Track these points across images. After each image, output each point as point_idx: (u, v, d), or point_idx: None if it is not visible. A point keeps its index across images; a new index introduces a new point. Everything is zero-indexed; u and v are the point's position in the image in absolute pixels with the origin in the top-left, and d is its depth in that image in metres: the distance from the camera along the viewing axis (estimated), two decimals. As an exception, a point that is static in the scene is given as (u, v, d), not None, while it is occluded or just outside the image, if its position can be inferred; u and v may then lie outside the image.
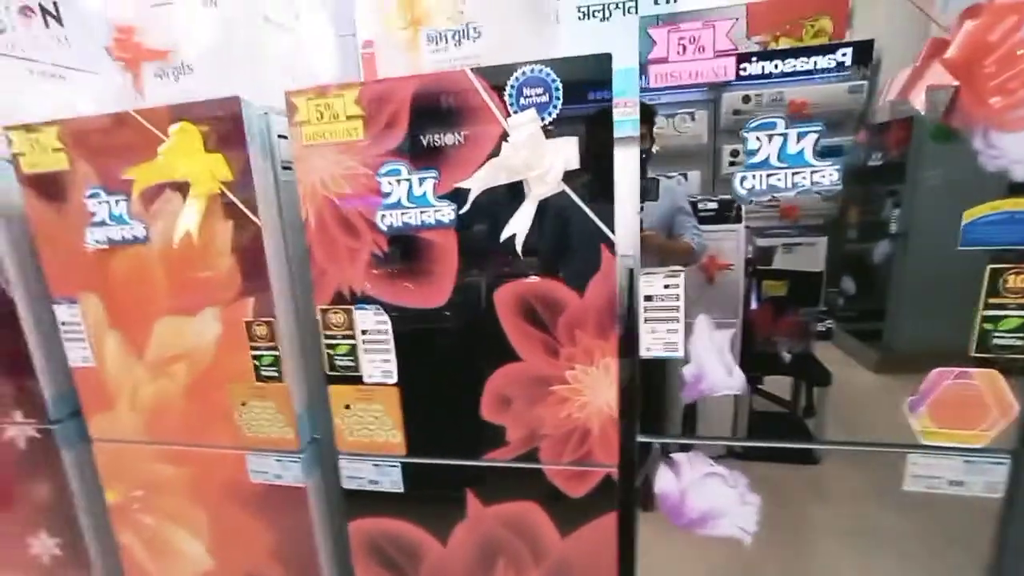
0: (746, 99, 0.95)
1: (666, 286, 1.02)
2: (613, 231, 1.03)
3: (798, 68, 0.91)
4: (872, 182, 0.96)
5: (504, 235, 1.01)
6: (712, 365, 1.05)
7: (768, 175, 0.93)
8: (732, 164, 0.97)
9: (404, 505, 1.28)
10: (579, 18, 1.46)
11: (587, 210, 1.02)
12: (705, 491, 1.12)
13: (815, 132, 0.90)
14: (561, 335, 1.10)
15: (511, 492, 1.22)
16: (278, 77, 1.39)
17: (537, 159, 0.96)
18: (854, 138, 0.92)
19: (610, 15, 1.46)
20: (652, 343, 1.06)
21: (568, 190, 1.02)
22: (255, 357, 1.23)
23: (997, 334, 0.93)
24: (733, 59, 0.90)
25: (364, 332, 1.17)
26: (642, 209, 1.02)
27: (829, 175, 0.92)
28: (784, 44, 1.21)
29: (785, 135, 0.91)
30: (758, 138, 0.92)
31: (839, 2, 1.25)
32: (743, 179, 0.95)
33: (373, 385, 1.20)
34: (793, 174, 0.93)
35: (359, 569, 1.35)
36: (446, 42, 1.18)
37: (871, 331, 1.04)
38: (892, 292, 1.01)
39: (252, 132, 1.13)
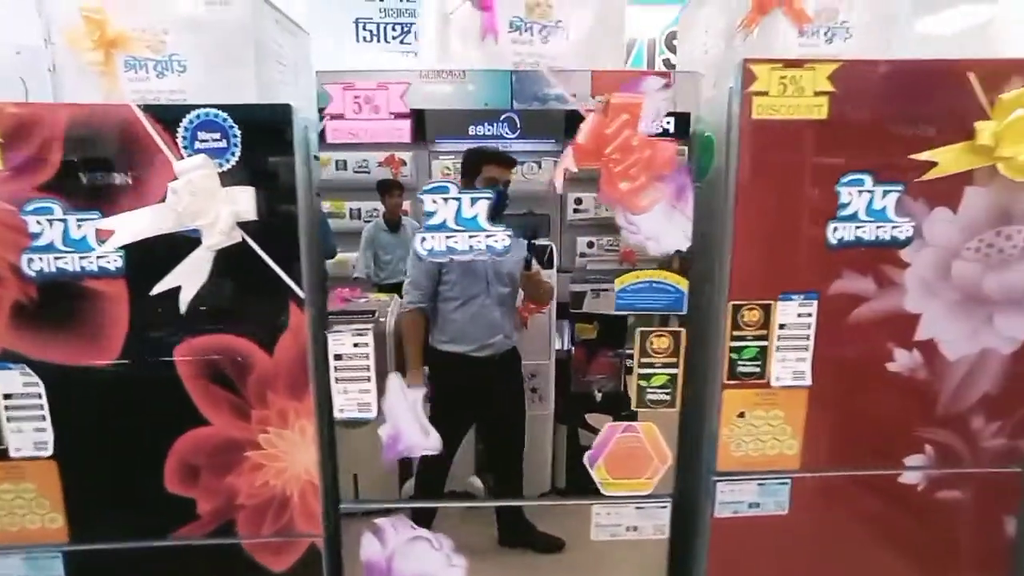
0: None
1: (355, 344, 0.99)
2: (301, 286, 0.99)
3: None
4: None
5: (160, 288, 0.92)
6: (408, 425, 1.03)
7: (447, 236, 0.97)
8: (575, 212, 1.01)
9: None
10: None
11: (273, 265, 0.97)
12: (411, 556, 1.09)
13: (486, 199, 0.96)
14: (251, 396, 1.01)
15: (206, 572, 1.08)
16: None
17: (203, 208, 0.89)
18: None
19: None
20: (345, 404, 1.01)
21: (251, 242, 0.96)
22: None
23: (650, 390, 1.04)
24: (408, 121, 0.93)
25: (7, 396, 0.97)
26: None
27: (502, 240, 0.97)
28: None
29: (459, 200, 0.95)
30: (434, 200, 0.95)
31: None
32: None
33: (22, 460, 1.00)
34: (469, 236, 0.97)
35: None
36: (147, 72, 1.08)
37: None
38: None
39: None
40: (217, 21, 1.04)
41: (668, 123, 0.97)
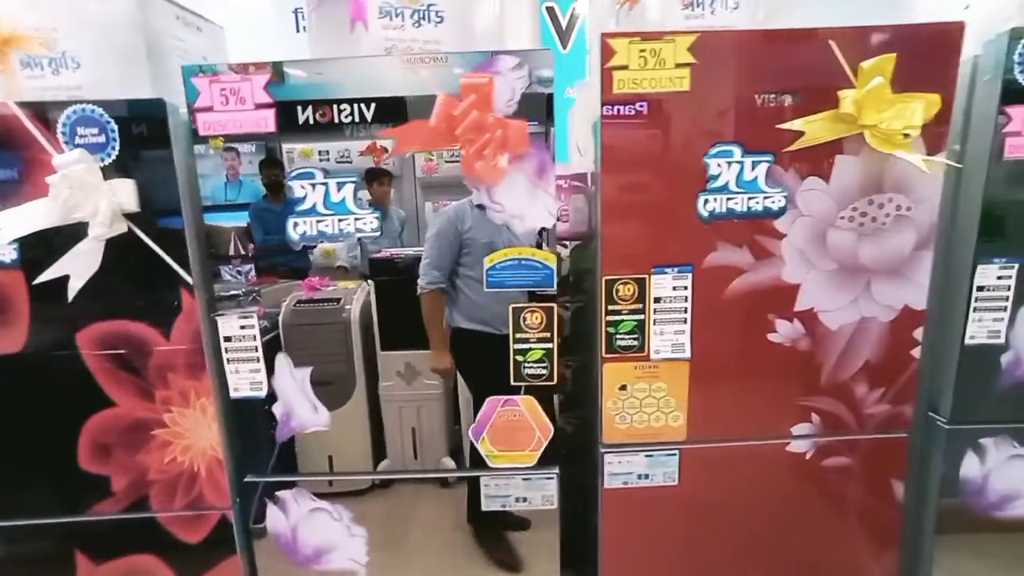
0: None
1: (242, 327, 1.04)
2: (190, 273, 1.03)
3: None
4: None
5: (45, 277, 0.97)
6: (299, 403, 1.08)
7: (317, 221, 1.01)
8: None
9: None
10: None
11: (161, 252, 1.02)
12: (313, 527, 1.15)
13: (351, 182, 0.99)
14: (153, 378, 1.07)
15: (125, 546, 1.15)
16: None
17: (82, 201, 0.94)
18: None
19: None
20: (238, 383, 1.07)
21: (139, 232, 1.01)
22: None
23: (527, 364, 1.07)
24: (272, 111, 0.96)
25: (-76, 384, 1.05)
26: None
27: (370, 223, 1.00)
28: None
29: (326, 184, 0.98)
30: (302, 186, 0.98)
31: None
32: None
33: (-56, 442, 1.08)
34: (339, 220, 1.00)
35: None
36: (42, 69, 1.13)
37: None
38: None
39: None
40: (106, 18, 1.07)
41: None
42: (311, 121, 0.97)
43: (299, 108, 0.97)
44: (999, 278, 1.10)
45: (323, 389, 1.10)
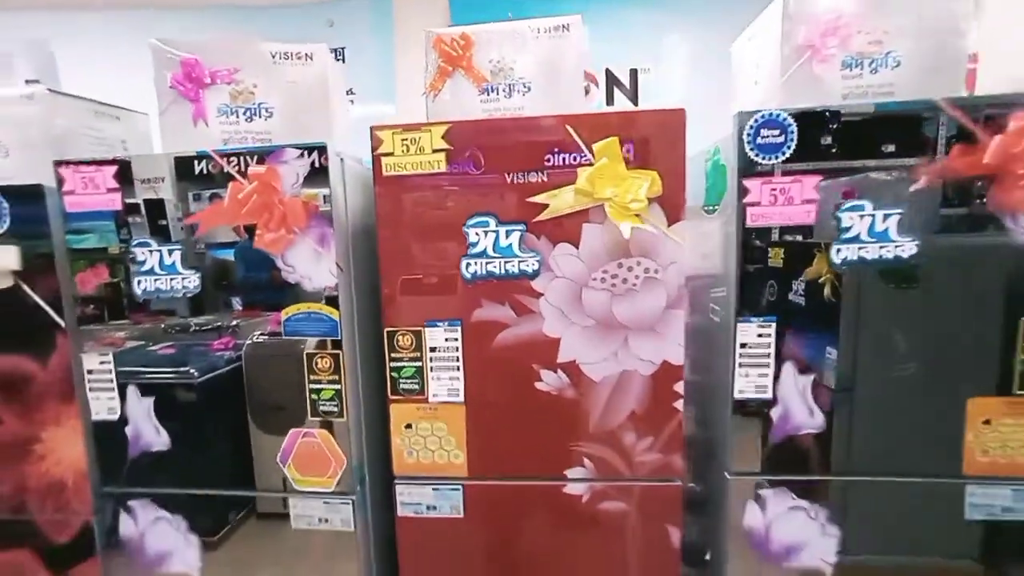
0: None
1: (101, 362, 1.26)
2: (63, 318, 1.28)
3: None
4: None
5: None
6: (145, 427, 1.28)
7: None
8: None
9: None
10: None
11: (40, 302, 1.27)
12: (157, 533, 1.33)
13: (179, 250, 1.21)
14: (33, 401, 1.31)
15: (7, 542, 1.38)
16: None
17: (-22, 262, 1.21)
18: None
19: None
20: (98, 408, 1.29)
21: (24, 286, 1.27)
22: None
23: (321, 403, 1.22)
24: (118, 194, 1.21)
25: None
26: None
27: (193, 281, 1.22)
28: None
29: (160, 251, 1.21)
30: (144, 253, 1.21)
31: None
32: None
33: None
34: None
35: None
36: (-13, 156, 1.44)
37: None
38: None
39: None
40: (24, 115, 1.38)
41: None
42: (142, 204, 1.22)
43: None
44: (759, 336, 1.17)
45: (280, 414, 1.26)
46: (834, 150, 1.11)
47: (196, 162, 1.19)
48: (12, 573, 1.38)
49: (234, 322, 1.27)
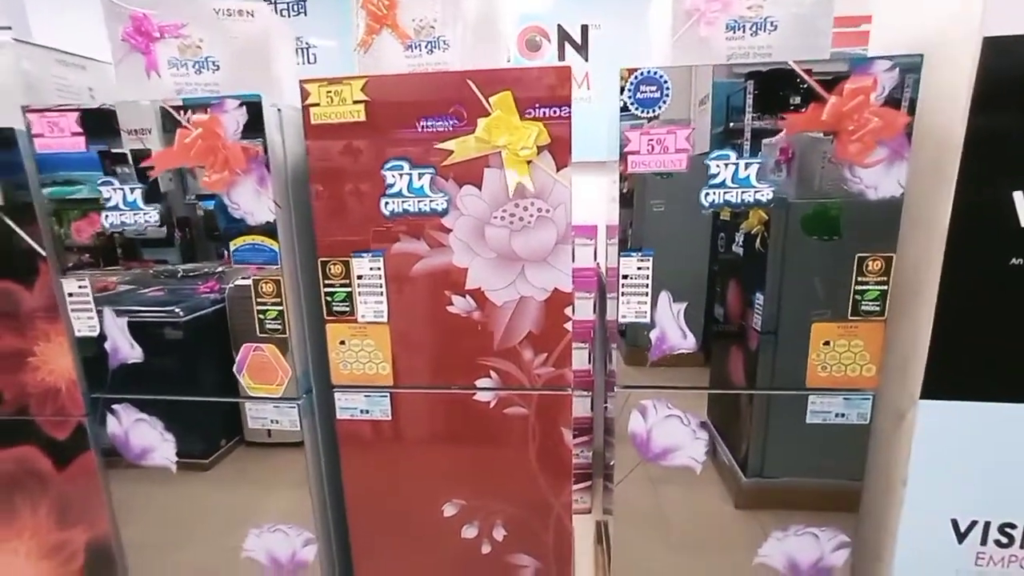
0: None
1: (79, 287, 1.46)
2: (43, 247, 1.47)
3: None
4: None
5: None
6: (120, 341, 1.50)
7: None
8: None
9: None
10: None
11: (21, 232, 1.46)
12: (137, 432, 1.57)
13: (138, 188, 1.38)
14: (25, 320, 1.53)
15: (14, 439, 1.64)
16: None
17: (-34, 197, 1.39)
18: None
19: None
20: (80, 326, 1.50)
21: (8, 220, 1.45)
22: None
23: (267, 322, 1.43)
24: (83, 138, 1.36)
25: None
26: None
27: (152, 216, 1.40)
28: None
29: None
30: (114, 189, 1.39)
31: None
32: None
33: (-97, 357, 1.59)
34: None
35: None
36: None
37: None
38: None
39: None
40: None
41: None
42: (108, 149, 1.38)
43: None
44: (638, 268, 1.35)
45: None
46: (706, 105, 1.25)
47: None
48: (22, 464, 1.65)
49: (219, 269, 1.47)
